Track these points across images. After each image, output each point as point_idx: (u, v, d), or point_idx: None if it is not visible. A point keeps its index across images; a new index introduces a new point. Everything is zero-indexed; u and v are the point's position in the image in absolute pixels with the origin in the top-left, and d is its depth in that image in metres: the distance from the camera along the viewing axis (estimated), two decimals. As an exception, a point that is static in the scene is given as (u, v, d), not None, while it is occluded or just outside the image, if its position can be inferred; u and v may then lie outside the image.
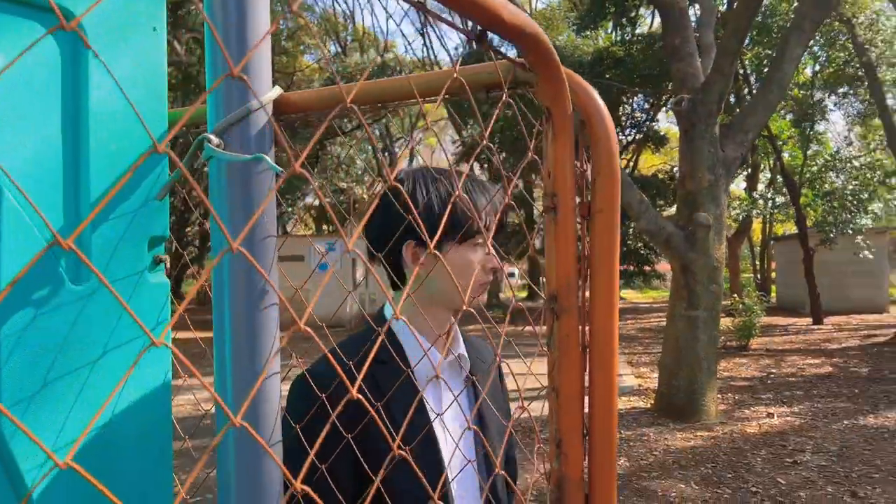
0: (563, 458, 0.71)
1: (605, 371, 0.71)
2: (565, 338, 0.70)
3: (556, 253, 0.71)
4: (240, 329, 0.88)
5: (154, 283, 1.02)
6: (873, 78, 13.89)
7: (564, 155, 0.71)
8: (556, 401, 0.71)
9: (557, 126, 0.70)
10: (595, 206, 0.72)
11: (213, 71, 0.94)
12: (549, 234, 0.71)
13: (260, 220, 0.89)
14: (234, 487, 0.89)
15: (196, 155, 0.95)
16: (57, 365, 0.89)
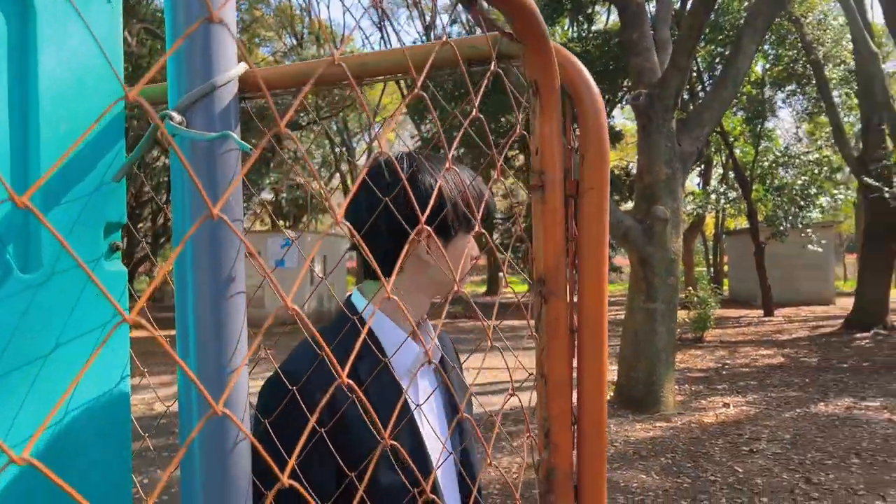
0: (552, 447, 0.68)
1: (594, 356, 0.68)
2: (554, 322, 0.67)
3: (544, 233, 0.68)
4: (205, 320, 0.83)
5: (110, 271, 0.96)
6: (820, 76, 14.27)
7: (552, 130, 0.68)
8: (545, 388, 0.68)
9: (545, 100, 0.67)
10: (584, 185, 0.69)
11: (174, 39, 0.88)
12: (537, 214, 0.68)
13: (226, 203, 0.84)
14: (201, 488, 0.84)
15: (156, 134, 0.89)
16: (6, 358, 0.83)
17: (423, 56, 0.71)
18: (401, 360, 1.06)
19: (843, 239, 33.70)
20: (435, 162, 1.07)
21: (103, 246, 0.94)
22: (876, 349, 11.20)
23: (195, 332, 0.84)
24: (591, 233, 0.69)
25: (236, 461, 0.85)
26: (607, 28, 20.12)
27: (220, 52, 0.85)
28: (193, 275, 0.84)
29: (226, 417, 0.84)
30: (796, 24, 14.30)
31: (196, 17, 0.86)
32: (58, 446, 0.88)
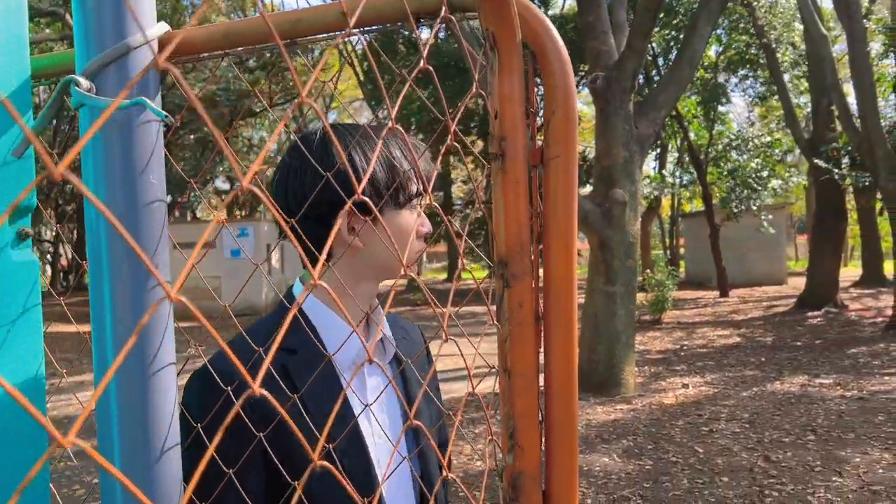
0: (517, 450, 0.60)
1: (564, 345, 0.61)
2: (518, 308, 0.60)
3: (505, 208, 0.60)
4: (124, 315, 0.73)
5: (19, 261, 0.85)
6: (772, 59, 14.47)
7: (513, 90, 0.59)
8: (509, 382, 0.60)
9: (503, 54, 0.59)
10: (549, 152, 0.61)
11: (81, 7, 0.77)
12: (497, 187, 0.60)
13: (145, 181, 0.74)
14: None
15: (62, 102, 0.79)
16: None
17: (366, 10, 0.61)
18: (343, 356, 0.97)
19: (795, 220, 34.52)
20: (374, 133, 0.97)
21: (10, 233, 0.83)
22: (828, 327, 11.47)
23: (111, 332, 0.74)
24: (559, 206, 0.61)
25: (164, 470, 0.76)
26: (563, 12, 20.12)
27: (135, 11, 0.75)
28: (108, 265, 0.74)
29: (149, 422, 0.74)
30: (748, 8, 14.46)
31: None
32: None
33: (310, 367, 0.91)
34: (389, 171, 0.95)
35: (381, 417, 1.00)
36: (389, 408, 1.03)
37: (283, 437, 0.88)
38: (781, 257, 20.82)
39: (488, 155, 0.66)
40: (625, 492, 4.55)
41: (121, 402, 0.74)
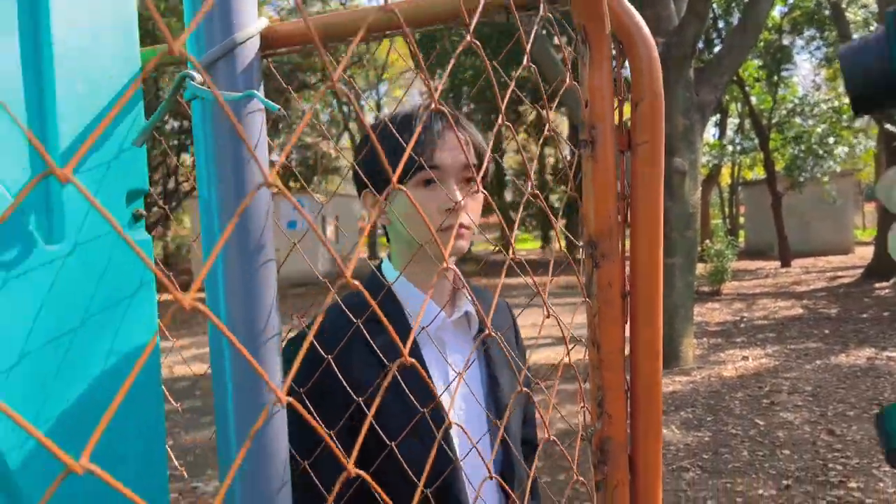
0: (605, 417, 0.64)
1: (650, 321, 0.65)
2: (607, 287, 0.64)
3: (595, 192, 0.64)
4: (235, 288, 0.80)
5: (135, 240, 0.92)
6: (842, 19, 13.86)
7: (603, 81, 0.63)
8: (598, 355, 0.64)
9: (595, 48, 0.62)
10: (637, 138, 0.64)
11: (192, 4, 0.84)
12: (587, 172, 0.64)
13: (252, 166, 0.80)
14: (235, 449, 0.83)
15: (177, 95, 0.85)
16: (36, 332, 0.80)
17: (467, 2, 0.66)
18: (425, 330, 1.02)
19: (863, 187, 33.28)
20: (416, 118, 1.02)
21: (126, 214, 0.90)
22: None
23: (225, 302, 0.81)
24: (646, 190, 0.64)
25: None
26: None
27: (239, 8, 0.81)
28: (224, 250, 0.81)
29: (260, 381, 0.81)
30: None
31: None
32: (92, 415, 0.86)
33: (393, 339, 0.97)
34: (393, 151, 0.99)
35: (461, 391, 1.05)
36: (472, 381, 1.08)
37: (369, 401, 0.95)
38: (848, 226, 20.15)
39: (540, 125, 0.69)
40: (684, 462, 4.56)
41: (235, 367, 0.82)
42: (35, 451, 0.81)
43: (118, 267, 0.88)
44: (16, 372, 0.80)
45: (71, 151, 0.84)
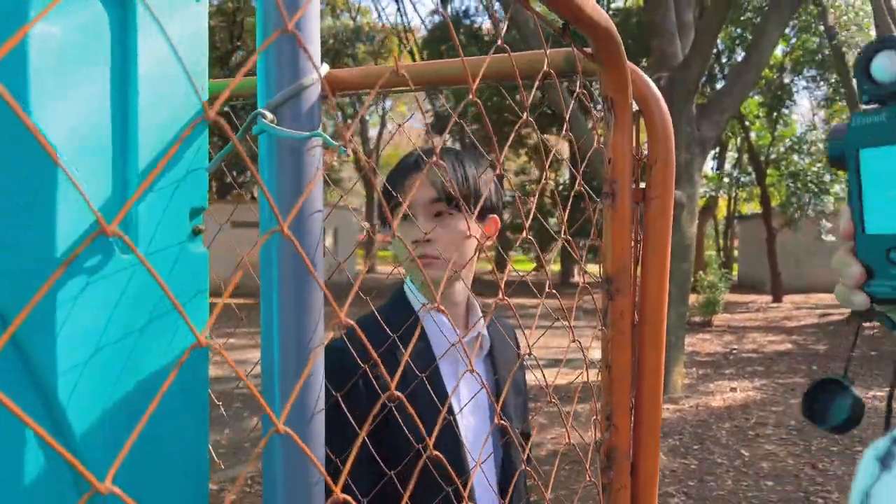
0: (613, 429, 0.75)
1: (655, 349, 0.76)
2: (619, 317, 0.75)
3: (613, 236, 0.75)
4: (287, 303, 0.91)
5: (195, 252, 1.03)
6: (841, 62, 14.13)
7: (624, 143, 0.74)
8: (609, 376, 0.75)
9: (619, 115, 0.74)
10: (650, 192, 0.76)
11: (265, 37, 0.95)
12: (607, 219, 0.75)
13: (310, 196, 0.91)
14: (280, 450, 0.93)
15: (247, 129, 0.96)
16: (107, 333, 0.91)
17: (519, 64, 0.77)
18: (442, 347, 1.13)
19: (856, 227, 33.41)
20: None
21: (188, 229, 1.01)
22: (884, 339, 11.24)
23: (278, 316, 0.92)
24: (656, 237, 0.75)
25: (315, 428, 0.93)
26: (628, 6, 19.93)
27: (306, 55, 0.92)
28: (277, 262, 0.92)
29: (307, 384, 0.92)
30: (820, 7, 14.13)
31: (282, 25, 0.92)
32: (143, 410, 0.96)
33: (414, 354, 1.08)
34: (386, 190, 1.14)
35: (472, 408, 1.16)
36: (480, 398, 1.18)
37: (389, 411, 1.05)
38: (840, 265, 20.27)
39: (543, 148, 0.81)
40: (670, 488, 4.65)
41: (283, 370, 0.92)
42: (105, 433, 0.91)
43: (179, 275, 0.99)
44: (92, 362, 0.90)
45: (147, 173, 0.95)
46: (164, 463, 1.01)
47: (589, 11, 0.64)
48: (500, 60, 0.80)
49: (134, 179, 0.97)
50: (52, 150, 0.36)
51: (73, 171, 0.89)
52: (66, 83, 0.89)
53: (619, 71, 0.72)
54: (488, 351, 1.22)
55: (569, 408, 0.78)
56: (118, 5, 0.97)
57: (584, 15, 0.64)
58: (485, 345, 1.22)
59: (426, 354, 1.11)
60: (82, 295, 0.90)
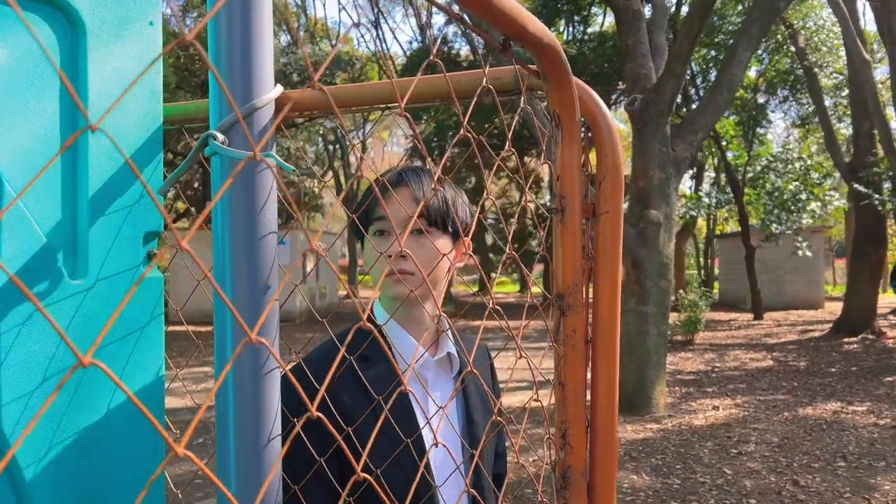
0: (568, 448, 0.74)
1: (608, 365, 0.75)
2: (572, 333, 0.74)
3: (563, 252, 0.74)
4: (239, 327, 0.90)
5: (149, 277, 1.01)
6: (814, 83, 14.41)
7: (572, 159, 0.74)
8: (563, 393, 0.74)
9: (566, 131, 0.74)
10: (600, 207, 0.75)
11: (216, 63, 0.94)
12: (557, 235, 0.74)
13: (262, 217, 0.90)
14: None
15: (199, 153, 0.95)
16: (55, 360, 0.89)
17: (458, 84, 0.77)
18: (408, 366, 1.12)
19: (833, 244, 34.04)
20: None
21: (142, 253, 1.00)
22: (864, 354, 11.34)
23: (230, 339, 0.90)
24: (607, 252, 0.75)
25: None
26: (603, 30, 20.23)
27: (258, 76, 0.92)
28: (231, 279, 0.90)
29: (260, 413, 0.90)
30: (790, 30, 14.43)
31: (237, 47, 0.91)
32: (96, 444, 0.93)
33: (381, 374, 1.06)
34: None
35: (441, 425, 1.14)
36: (453, 418, 1.17)
37: (357, 432, 1.04)
38: (819, 281, 20.57)
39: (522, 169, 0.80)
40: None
41: (237, 398, 0.90)
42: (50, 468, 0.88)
43: (132, 301, 0.98)
44: (37, 394, 0.88)
45: (97, 199, 0.94)
46: (117, 495, 0.98)
47: (531, 28, 0.64)
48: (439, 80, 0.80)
49: (84, 205, 0.95)
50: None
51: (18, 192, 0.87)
52: (11, 106, 0.88)
53: (565, 87, 0.72)
54: (458, 370, 1.21)
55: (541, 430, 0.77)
56: (68, 29, 0.96)
57: (528, 33, 0.64)
58: (454, 364, 1.21)
59: (393, 375, 1.10)
60: (29, 322, 0.88)
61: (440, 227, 1.13)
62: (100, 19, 0.96)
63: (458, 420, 1.18)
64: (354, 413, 1.04)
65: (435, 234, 1.11)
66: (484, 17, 0.59)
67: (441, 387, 1.17)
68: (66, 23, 0.95)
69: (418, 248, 1.10)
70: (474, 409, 1.19)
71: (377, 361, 1.10)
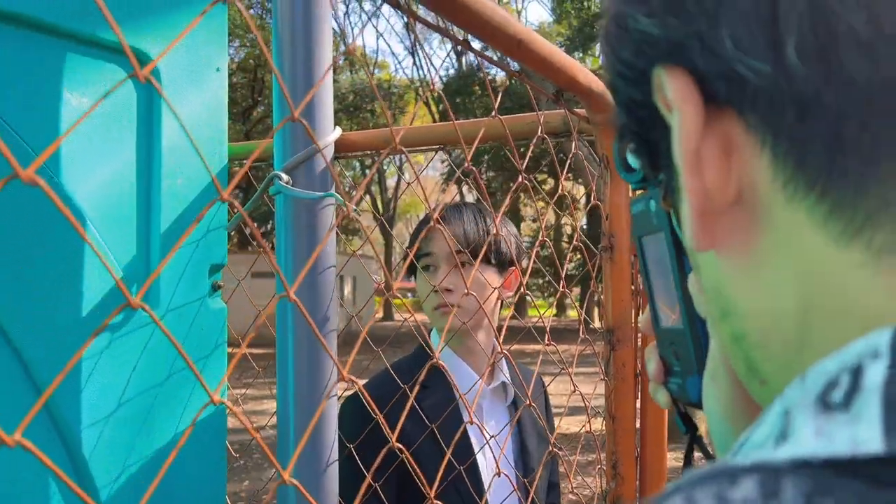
0: (619, 479, 0.77)
1: (656, 398, 0.78)
2: (622, 367, 0.77)
3: (613, 289, 0.78)
4: (302, 354, 0.94)
5: (214, 308, 1.07)
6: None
7: (620, 198, 0.78)
8: (613, 426, 0.77)
9: (614, 172, 0.77)
10: (648, 246, 0.78)
11: (280, 112, 1.00)
12: (607, 272, 0.78)
13: (323, 253, 0.95)
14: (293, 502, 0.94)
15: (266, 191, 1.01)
16: (129, 388, 0.94)
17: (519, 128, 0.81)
18: (467, 395, 1.15)
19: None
20: None
21: (207, 285, 1.05)
22: None
23: (293, 367, 0.95)
24: (655, 288, 0.78)
25: (327, 480, 0.95)
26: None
27: (319, 119, 0.97)
28: (292, 317, 0.95)
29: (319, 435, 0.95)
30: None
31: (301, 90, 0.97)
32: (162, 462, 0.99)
33: (438, 402, 1.10)
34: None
35: (496, 453, 1.17)
36: (507, 449, 1.20)
37: (414, 456, 1.07)
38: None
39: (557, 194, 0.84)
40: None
41: (297, 424, 0.95)
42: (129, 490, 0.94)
43: (199, 330, 1.03)
44: (114, 417, 0.94)
45: (169, 235, 1.00)
46: (183, 514, 1.03)
47: (581, 79, 0.68)
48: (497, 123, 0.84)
49: (156, 242, 1.01)
50: (77, 225, 0.39)
51: (99, 234, 0.94)
52: (93, 150, 0.95)
53: (613, 131, 0.76)
54: (512, 399, 1.24)
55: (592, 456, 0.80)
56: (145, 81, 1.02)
57: (578, 83, 0.68)
58: (508, 394, 1.24)
59: (450, 403, 1.14)
60: (105, 352, 0.94)
61: (484, 260, 1.17)
62: (173, 68, 1.02)
63: (512, 449, 1.21)
64: (413, 440, 1.08)
65: (480, 268, 1.15)
66: (539, 71, 0.64)
67: (496, 416, 1.21)
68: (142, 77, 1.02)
69: (463, 282, 1.15)
70: (528, 439, 1.22)
71: (434, 389, 1.14)
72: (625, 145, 0.36)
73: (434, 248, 1.18)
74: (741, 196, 0.27)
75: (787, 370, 0.27)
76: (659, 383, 0.52)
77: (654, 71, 0.28)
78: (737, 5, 0.25)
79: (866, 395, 0.19)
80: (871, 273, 0.24)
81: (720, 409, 0.40)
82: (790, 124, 0.25)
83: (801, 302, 0.26)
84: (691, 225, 0.28)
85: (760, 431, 0.22)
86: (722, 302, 0.31)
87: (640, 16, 0.28)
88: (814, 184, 0.25)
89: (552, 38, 24.53)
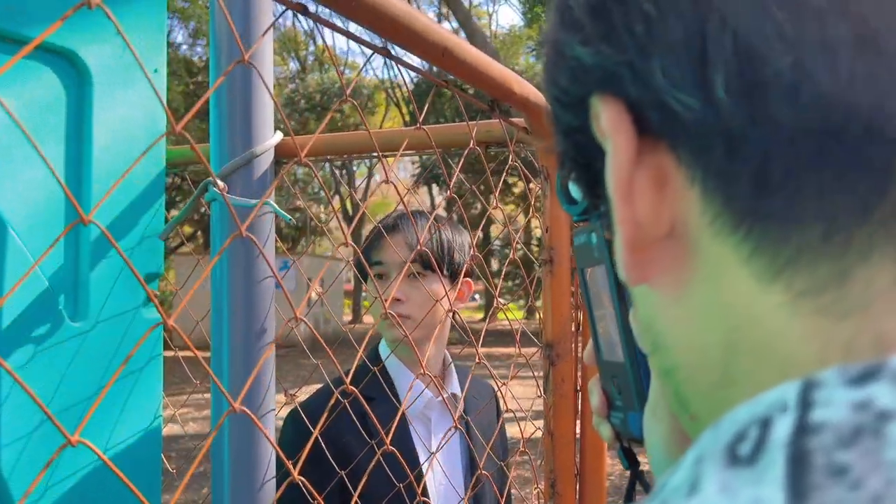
0: (557, 497, 0.75)
1: (596, 414, 0.76)
2: (561, 383, 0.75)
3: (552, 303, 0.76)
4: (237, 364, 0.91)
5: (148, 318, 1.03)
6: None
7: (560, 211, 0.76)
8: (552, 443, 0.75)
9: (554, 184, 0.76)
10: (588, 259, 0.77)
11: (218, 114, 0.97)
12: (546, 285, 0.76)
13: (259, 263, 0.92)
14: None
15: (199, 198, 0.98)
16: (55, 401, 0.90)
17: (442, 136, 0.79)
18: (413, 406, 1.13)
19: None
20: None
21: (142, 295, 1.01)
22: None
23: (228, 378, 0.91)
24: (595, 302, 0.77)
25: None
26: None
27: (258, 123, 0.94)
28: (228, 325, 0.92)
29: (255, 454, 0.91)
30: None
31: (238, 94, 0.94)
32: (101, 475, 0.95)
33: (384, 414, 1.07)
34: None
35: (446, 467, 1.14)
36: (452, 457, 1.18)
37: (359, 471, 1.05)
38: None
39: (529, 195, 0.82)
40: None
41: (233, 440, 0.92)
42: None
43: (131, 343, 0.99)
44: (37, 436, 0.89)
45: (98, 242, 0.96)
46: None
47: (517, 90, 0.66)
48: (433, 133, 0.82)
49: (86, 250, 0.97)
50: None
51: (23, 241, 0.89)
52: (18, 154, 0.90)
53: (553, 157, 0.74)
54: (463, 412, 1.22)
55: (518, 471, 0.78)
56: (75, 78, 0.99)
57: (513, 93, 0.66)
58: (460, 406, 1.22)
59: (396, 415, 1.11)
60: (30, 364, 0.90)
61: (436, 270, 1.14)
62: (106, 69, 0.98)
63: (462, 460, 1.19)
64: (356, 452, 1.05)
65: (431, 278, 1.13)
66: (469, 82, 0.62)
67: (445, 427, 1.18)
68: (73, 72, 0.98)
69: (414, 292, 1.12)
70: (478, 451, 1.20)
71: (380, 401, 1.11)
72: (566, 174, 0.36)
73: (385, 256, 1.16)
74: (674, 229, 0.27)
75: (714, 406, 0.27)
76: (602, 417, 0.51)
77: (591, 99, 0.28)
78: (668, 37, 0.25)
79: (772, 452, 0.20)
80: (789, 315, 0.24)
81: (661, 444, 0.40)
82: (718, 160, 0.24)
83: (725, 337, 0.26)
84: (623, 257, 0.28)
85: (677, 478, 0.22)
86: (653, 335, 0.31)
87: (575, 43, 0.28)
88: (740, 222, 0.25)
89: (523, 43, 24.69)
